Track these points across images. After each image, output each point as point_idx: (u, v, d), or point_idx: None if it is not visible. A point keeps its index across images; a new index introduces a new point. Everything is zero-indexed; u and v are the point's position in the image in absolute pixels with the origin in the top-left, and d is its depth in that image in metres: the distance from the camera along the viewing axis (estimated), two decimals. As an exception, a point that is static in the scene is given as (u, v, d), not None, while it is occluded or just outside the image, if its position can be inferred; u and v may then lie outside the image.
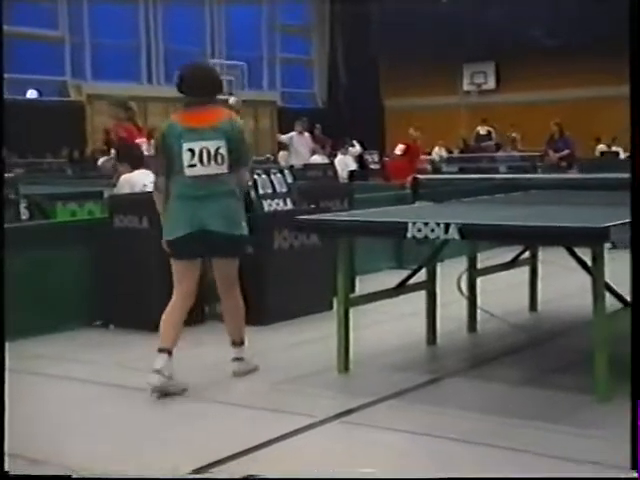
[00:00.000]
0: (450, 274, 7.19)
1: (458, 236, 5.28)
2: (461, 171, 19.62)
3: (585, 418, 4.99)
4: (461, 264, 7.32)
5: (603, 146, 24.88)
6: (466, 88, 31.71)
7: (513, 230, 5.42)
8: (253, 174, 7.36)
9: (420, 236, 5.38)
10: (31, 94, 27.41)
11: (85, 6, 28.42)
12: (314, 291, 7.69)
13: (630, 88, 3.44)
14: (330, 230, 6.24)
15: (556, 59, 27.78)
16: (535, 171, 18.53)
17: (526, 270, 7.88)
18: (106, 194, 9.49)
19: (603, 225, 4.96)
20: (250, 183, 6.25)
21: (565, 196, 7.72)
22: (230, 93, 28.88)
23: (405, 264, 9.18)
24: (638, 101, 3.41)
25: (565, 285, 8.07)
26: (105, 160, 11.05)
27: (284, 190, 7.99)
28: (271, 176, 7.96)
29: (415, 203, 7.25)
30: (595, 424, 4.88)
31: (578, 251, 5.84)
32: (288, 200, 7.97)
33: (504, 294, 7.92)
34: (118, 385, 5.80)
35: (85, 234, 7.64)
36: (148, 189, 7.21)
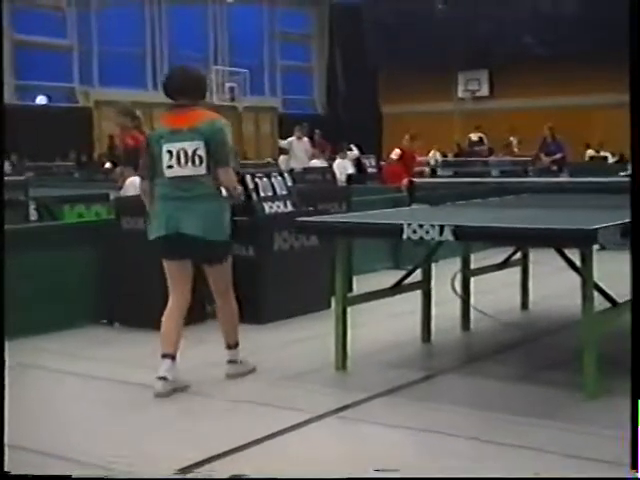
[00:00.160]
0: (444, 274, 7.17)
1: (452, 237, 5.27)
2: (456, 175, 19.58)
3: (575, 414, 4.98)
4: (455, 265, 7.31)
5: (592, 151, 24.88)
6: (461, 95, 31.69)
7: (505, 232, 5.42)
8: (240, 175, 7.08)
9: (415, 237, 5.38)
10: (41, 100, 27.42)
11: (93, 16, 28.43)
12: (313, 290, 7.68)
13: (630, 87, 3.40)
14: (329, 231, 6.24)
15: (547, 67, 27.79)
16: (527, 175, 18.49)
17: (518, 270, 7.88)
18: (112, 196, 9.48)
19: (592, 227, 4.95)
20: (238, 186, 5.88)
21: (555, 199, 7.71)
22: (232, 98, 29.00)
23: (401, 264, 9.17)
24: (638, 102, 3.37)
25: (555, 285, 8.06)
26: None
27: (284, 193, 7.98)
28: (272, 179, 7.95)
29: (411, 206, 7.24)
30: (584, 420, 4.87)
31: (568, 252, 5.83)
32: (288, 202, 7.96)
33: (496, 294, 7.92)
34: (122, 381, 5.79)
35: (92, 235, 7.64)
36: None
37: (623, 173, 16.10)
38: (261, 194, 7.75)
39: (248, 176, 7.77)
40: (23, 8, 26.22)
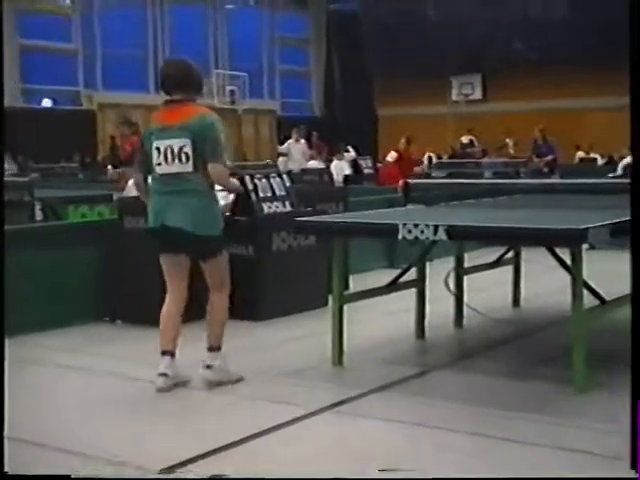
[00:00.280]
0: (438, 273, 7.17)
1: (446, 237, 5.27)
2: (450, 176, 19.55)
3: (564, 408, 4.98)
4: (449, 263, 7.31)
5: (582, 153, 24.87)
6: (454, 98, 31.68)
7: (498, 231, 5.43)
8: (238, 175, 7.01)
9: (410, 237, 5.38)
10: (46, 103, 27.41)
11: (96, 21, 28.43)
12: (310, 289, 7.68)
13: (630, 88, 3.39)
14: (326, 231, 6.24)
15: (538, 71, 27.78)
16: (519, 176, 18.50)
17: (510, 269, 7.88)
18: (115, 197, 9.49)
19: (582, 227, 4.96)
20: (232, 180, 5.71)
21: (547, 200, 7.71)
22: (232, 101, 29.01)
23: (396, 263, 9.16)
24: (639, 103, 3.35)
25: (546, 283, 8.06)
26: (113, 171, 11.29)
27: (283, 193, 7.97)
28: (271, 180, 7.95)
29: (406, 206, 7.24)
30: (574, 414, 4.88)
31: (558, 251, 5.83)
32: (287, 203, 7.95)
33: (489, 291, 7.92)
34: (124, 376, 5.79)
35: (95, 235, 7.63)
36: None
37: (612, 174, 16.14)
38: (260, 195, 7.75)
39: (247, 177, 7.77)
40: (29, 13, 26.25)
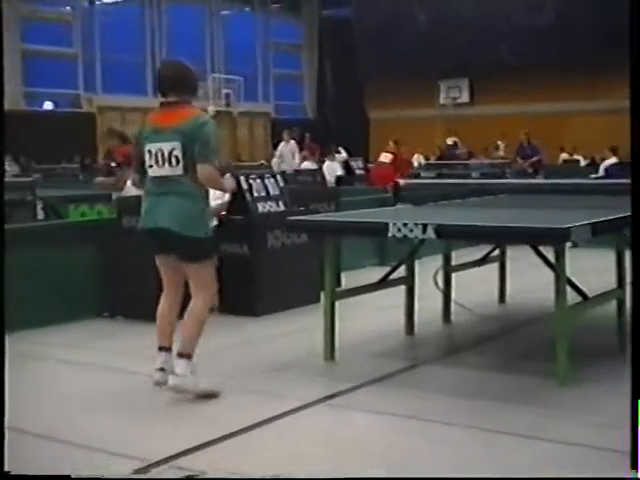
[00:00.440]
0: (427, 270, 7.16)
1: (434, 236, 5.27)
2: (438, 177, 19.55)
3: (550, 400, 4.99)
4: (437, 261, 7.31)
5: (566, 155, 24.91)
6: (442, 101, 31.69)
7: (484, 230, 5.43)
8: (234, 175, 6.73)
9: (400, 235, 5.38)
10: (47, 106, 27.38)
11: (96, 27, 28.38)
12: (303, 286, 7.67)
13: (630, 89, 3.38)
14: (318, 230, 6.23)
15: (523, 76, 27.79)
16: (504, 177, 18.52)
17: (496, 267, 7.88)
18: (114, 197, 9.46)
19: (565, 226, 4.97)
20: (223, 180, 5.44)
21: (532, 199, 7.72)
22: (228, 104, 28.98)
23: (386, 261, 9.15)
24: (639, 104, 3.34)
25: (531, 280, 8.05)
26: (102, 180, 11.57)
27: (277, 193, 7.97)
28: (265, 181, 7.94)
29: (396, 205, 7.24)
30: (558, 405, 4.89)
31: (543, 249, 5.83)
32: (280, 202, 7.95)
33: (476, 288, 7.91)
34: (123, 370, 5.76)
35: (95, 233, 7.62)
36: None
37: (594, 175, 16.17)
38: (255, 194, 7.75)
39: (242, 177, 7.76)
40: (31, 20, 26.21)
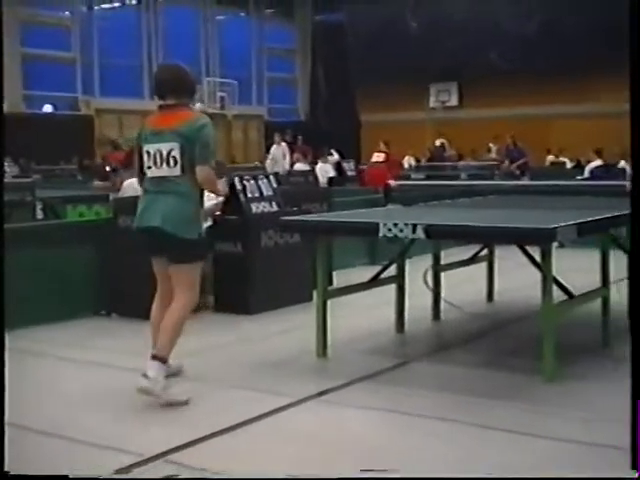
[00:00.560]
0: (417, 269, 7.16)
1: (424, 235, 5.27)
2: (428, 178, 19.58)
3: (537, 396, 4.99)
4: (427, 260, 7.30)
5: (552, 157, 24.95)
6: (432, 105, 31.70)
7: (473, 230, 5.42)
8: (220, 174, 6.43)
9: (390, 235, 5.37)
10: (47, 108, 27.31)
11: (94, 31, 28.33)
12: (296, 284, 7.66)
13: (630, 90, 3.38)
14: (311, 230, 6.23)
15: (511, 80, 27.84)
16: (492, 178, 18.56)
17: (484, 266, 7.88)
18: (111, 197, 9.45)
19: (551, 226, 4.97)
20: (218, 184, 5.40)
21: (519, 200, 7.74)
22: (222, 107, 28.96)
23: (377, 261, 9.15)
24: (639, 105, 3.33)
25: (518, 279, 8.06)
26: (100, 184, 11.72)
27: (270, 194, 7.95)
28: (258, 181, 7.93)
29: (387, 206, 7.23)
30: (544, 401, 4.89)
31: (530, 249, 5.84)
32: (273, 203, 7.93)
33: (465, 287, 7.92)
34: (118, 367, 5.73)
35: (93, 233, 7.60)
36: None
37: (580, 177, 16.20)
38: (249, 195, 7.73)
39: (237, 179, 7.74)
40: (31, 25, 26.15)
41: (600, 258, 6.11)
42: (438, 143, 26.82)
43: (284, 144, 19.94)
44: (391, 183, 12.83)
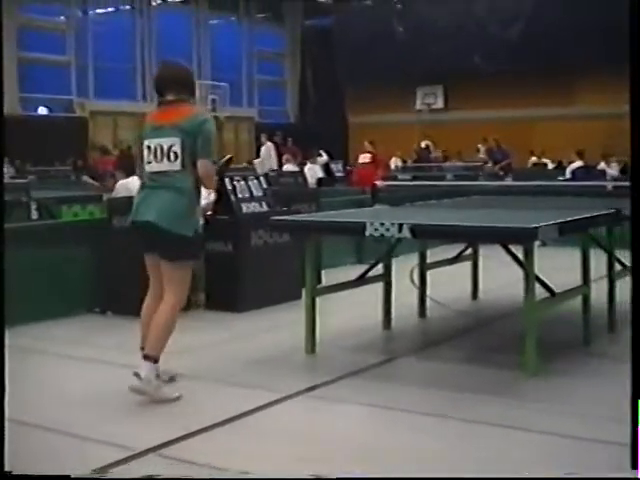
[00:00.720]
0: (403, 268, 7.16)
1: (410, 235, 5.26)
2: (414, 179, 19.61)
3: (521, 391, 5.00)
4: (413, 259, 7.31)
5: (535, 158, 24.99)
6: (419, 107, 31.72)
7: (458, 230, 5.43)
8: (220, 169, 6.36)
9: (377, 235, 5.36)
10: (42, 111, 27.20)
11: (89, 35, 28.25)
12: (285, 282, 7.64)
13: (630, 91, 3.38)
14: (300, 229, 6.22)
15: (495, 83, 27.90)
16: (477, 179, 18.59)
17: (468, 264, 7.89)
18: (105, 198, 9.42)
19: (533, 226, 4.98)
20: (214, 179, 5.25)
21: (502, 200, 7.74)
22: (214, 109, 28.91)
23: (364, 259, 9.15)
24: (639, 106, 3.33)
25: (501, 277, 8.07)
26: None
27: (260, 194, 7.94)
28: (248, 182, 7.92)
29: (374, 206, 7.22)
30: (528, 396, 4.91)
31: (513, 248, 5.84)
32: (263, 203, 7.92)
33: (450, 285, 7.92)
34: (112, 364, 5.70)
35: (87, 232, 7.58)
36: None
37: (561, 178, 16.25)
38: (239, 195, 7.72)
39: (227, 179, 7.73)
40: (28, 29, 26.05)
41: (581, 257, 6.12)
42: (424, 145, 26.89)
43: (269, 143, 20.10)
44: (378, 184, 12.84)
